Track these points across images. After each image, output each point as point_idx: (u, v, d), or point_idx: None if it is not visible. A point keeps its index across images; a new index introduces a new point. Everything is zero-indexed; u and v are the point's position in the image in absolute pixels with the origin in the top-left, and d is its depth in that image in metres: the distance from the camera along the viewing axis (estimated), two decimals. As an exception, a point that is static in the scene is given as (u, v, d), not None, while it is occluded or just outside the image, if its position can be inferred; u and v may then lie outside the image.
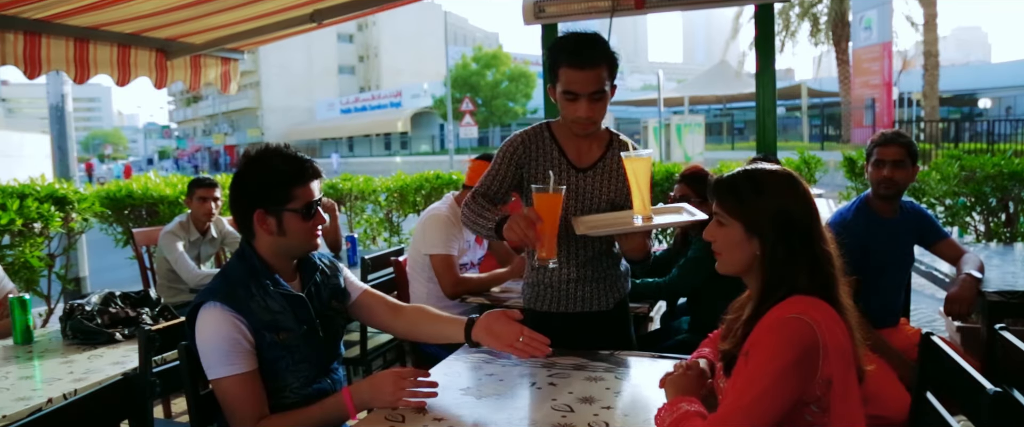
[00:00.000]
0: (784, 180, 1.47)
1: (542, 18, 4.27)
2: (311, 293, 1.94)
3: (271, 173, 1.82)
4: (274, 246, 1.85)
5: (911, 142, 2.71)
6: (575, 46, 2.04)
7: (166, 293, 4.04)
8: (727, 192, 1.50)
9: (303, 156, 1.86)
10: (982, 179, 4.79)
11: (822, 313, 1.38)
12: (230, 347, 1.72)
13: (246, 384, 1.73)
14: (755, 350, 1.37)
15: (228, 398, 1.74)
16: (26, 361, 2.31)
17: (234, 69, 4.94)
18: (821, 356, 1.32)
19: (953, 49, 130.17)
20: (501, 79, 41.68)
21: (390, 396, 1.70)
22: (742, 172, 1.51)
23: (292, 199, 1.81)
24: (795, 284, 1.42)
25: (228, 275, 1.85)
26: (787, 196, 1.45)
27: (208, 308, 1.75)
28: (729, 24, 28.22)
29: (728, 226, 1.50)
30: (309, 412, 1.76)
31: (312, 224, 1.87)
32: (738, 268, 1.52)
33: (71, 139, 6.40)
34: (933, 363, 1.74)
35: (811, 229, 1.45)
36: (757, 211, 1.46)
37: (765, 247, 1.45)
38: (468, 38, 73.72)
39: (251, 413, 1.73)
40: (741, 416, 1.31)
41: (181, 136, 76.62)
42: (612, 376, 1.86)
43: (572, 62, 2.04)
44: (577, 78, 2.04)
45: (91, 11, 3.55)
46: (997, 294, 2.63)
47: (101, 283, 6.25)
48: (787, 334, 1.34)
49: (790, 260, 1.43)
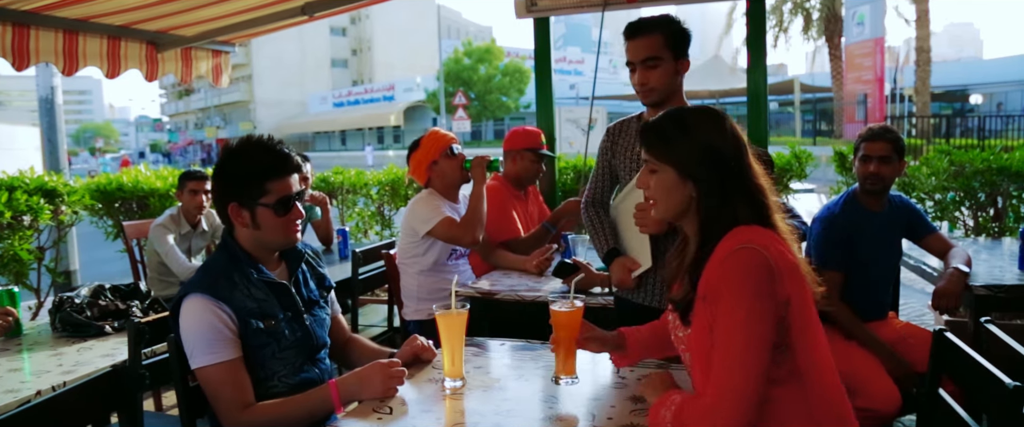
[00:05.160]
0: (709, 117, 1.47)
1: (534, 12, 4.26)
2: (298, 281, 1.94)
3: (247, 166, 1.81)
4: (251, 238, 1.85)
5: (898, 138, 2.72)
6: (631, 23, 2.23)
7: (156, 286, 4.03)
8: (655, 137, 1.49)
9: (284, 149, 1.84)
10: (971, 174, 4.82)
11: (765, 238, 1.38)
12: (213, 335, 1.72)
13: (229, 372, 1.72)
14: (714, 294, 1.36)
15: (211, 386, 1.73)
16: (15, 353, 2.30)
17: (226, 62, 4.92)
18: (776, 278, 1.34)
19: (945, 45, 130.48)
20: (494, 73, 41.58)
21: (379, 389, 1.69)
22: (666, 115, 1.51)
23: (266, 193, 1.80)
24: (734, 219, 1.42)
25: (210, 267, 1.85)
26: (714, 133, 1.45)
27: (190, 299, 1.75)
28: (723, 19, 28.24)
29: (660, 172, 1.48)
30: (294, 402, 1.74)
31: (287, 219, 1.84)
32: (673, 213, 1.50)
33: (61, 132, 6.36)
34: (948, 360, 1.71)
35: (742, 164, 1.45)
36: (687, 152, 1.45)
37: (700, 188, 1.44)
38: (462, 32, 73.47)
39: (235, 401, 1.71)
40: (739, 370, 1.31)
41: (173, 129, 76.24)
42: (600, 369, 1.87)
43: (627, 35, 2.22)
44: (630, 48, 2.22)
45: (81, 3, 3.53)
46: (984, 288, 2.65)
47: (91, 276, 6.23)
48: (741, 266, 1.34)
49: (726, 197, 1.42)
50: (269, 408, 1.74)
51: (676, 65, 2.23)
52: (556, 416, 1.57)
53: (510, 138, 3.58)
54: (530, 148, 3.51)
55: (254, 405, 1.74)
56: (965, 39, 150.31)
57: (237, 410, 1.71)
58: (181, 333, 1.76)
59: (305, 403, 1.74)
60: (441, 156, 3.12)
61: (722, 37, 29.53)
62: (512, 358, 1.97)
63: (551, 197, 4.39)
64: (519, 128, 3.62)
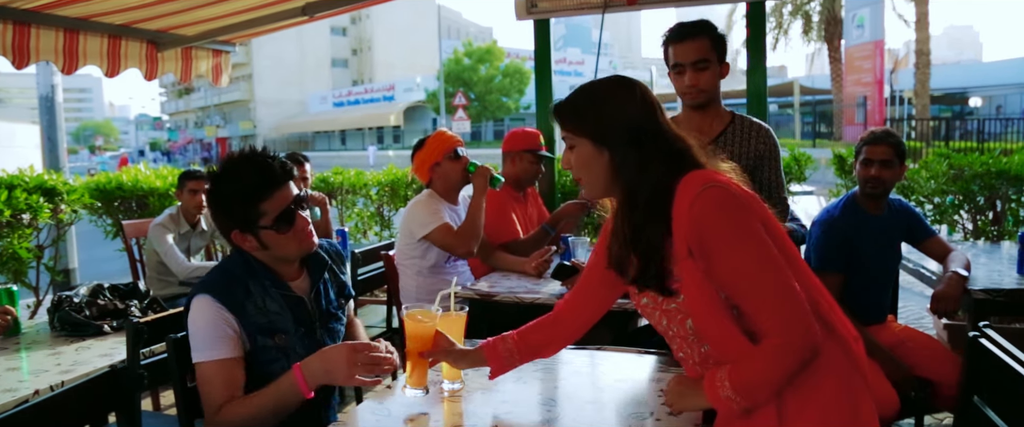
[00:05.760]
0: (618, 84, 1.47)
1: (534, 13, 4.26)
2: (318, 292, 1.88)
3: (234, 190, 1.73)
4: (265, 256, 1.79)
5: (900, 141, 2.72)
6: (678, 26, 2.31)
7: (155, 285, 4.03)
8: (568, 112, 1.48)
9: (268, 161, 1.75)
10: (970, 177, 4.82)
11: (714, 175, 1.39)
12: (215, 333, 1.69)
13: (223, 370, 1.68)
14: (699, 244, 1.34)
15: (203, 382, 1.70)
16: (14, 352, 2.30)
17: (226, 61, 4.92)
18: (747, 204, 1.35)
19: (945, 47, 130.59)
20: (495, 74, 41.59)
21: (344, 372, 1.61)
22: (576, 89, 1.50)
23: (262, 214, 1.73)
24: (659, 177, 1.40)
25: (227, 270, 1.79)
26: (623, 99, 1.44)
27: (201, 298, 1.72)
28: (723, 21, 28.24)
29: (578, 146, 1.47)
30: (263, 393, 1.66)
31: (293, 231, 1.76)
32: (600, 186, 1.48)
33: (61, 130, 6.35)
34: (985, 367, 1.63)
35: (657, 126, 1.43)
36: (599, 121, 1.44)
37: (615, 154, 1.42)
38: (462, 32, 73.52)
39: (220, 397, 1.67)
40: (780, 295, 1.30)
41: (173, 128, 76.24)
42: (598, 371, 1.87)
43: (674, 37, 2.29)
44: (680, 50, 2.29)
45: (81, 1, 3.53)
46: (983, 292, 2.65)
47: (90, 275, 6.23)
48: (712, 205, 1.33)
49: (644, 160, 1.41)
50: (240, 403, 1.67)
51: (719, 69, 2.36)
52: (555, 419, 1.57)
53: (509, 139, 3.58)
54: (529, 149, 3.51)
55: (230, 402, 1.67)
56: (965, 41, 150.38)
57: (213, 410, 1.66)
58: (188, 328, 1.74)
59: (274, 392, 1.65)
60: (444, 158, 3.13)
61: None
62: (511, 360, 1.97)
63: (550, 198, 4.39)
64: (518, 129, 3.62)
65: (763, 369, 1.32)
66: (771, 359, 1.31)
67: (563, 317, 1.71)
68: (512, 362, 1.69)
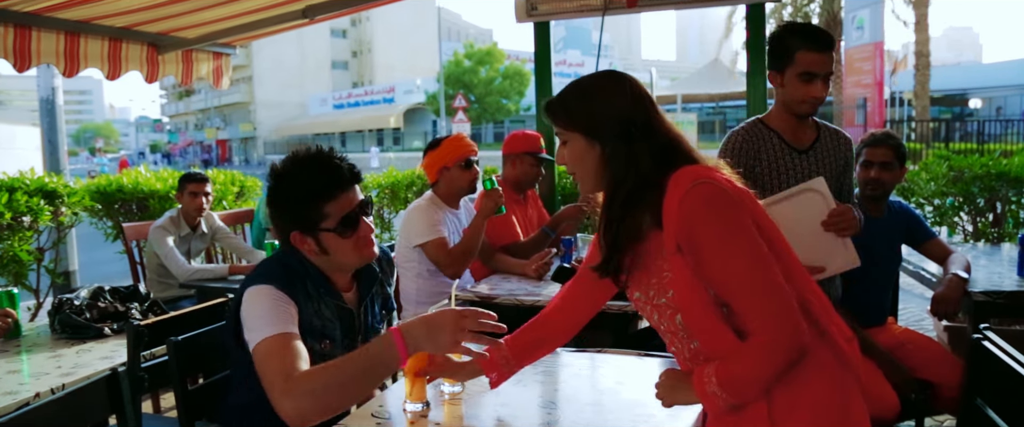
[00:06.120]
0: (608, 78, 1.48)
1: (534, 16, 4.27)
2: (366, 306, 1.85)
3: (298, 190, 1.68)
4: (323, 263, 1.74)
5: (900, 143, 2.73)
6: (813, 30, 2.22)
7: (156, 288, 4.03)
8: (559, 107, 1.49)
9: (335, 162, 1.69)
10: (970, 179, 4.82)
11: (707, 171, 1.38)
12: (280, 311, 1.60)
13: (285, 341, 1.54)
14: (687, 240, 1.34)
15: (270, 355, 1.52)
16: (14, 355, 2.30)
17: (226, 64, 4.92)
18: (738, 201, 1.35)
19: (945, 49, 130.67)
20: (495, 76, 41.60)
21: (449, 338, 1.46)
22: (568, 85, 1.51)
23: (325, 217, 1.67)
24: (647, 172, 1.40)
25: (289, 265, 1.72)
26: (613, 93, 1.45)
27: (261, 286, 1.64)
28: (722, 23, 28.27)
29: (571, 141, 1.48)
30: (351, 357, 1.47)
31: (356, 238, 1.70)
32: (594, 180, 1.48)
33: (61, 132, 6.35)
34: (987, 370, 1.64)
35: (649, 120, 1.43)
36: (589, 115, 1.44)
37: (605, 147, 1.43)
38: (462, 34, 73.59)
39: (283, 370, 1.48)
40: (768, 293, 1.30)
41: (173, 130, 76.29)
42: (598, 374, 1.87)
43: (811, 44, 2.19)
44: (817, 59, 2.19)
45: (82, 4, 3.53)
46: (983, 294, 2.65)
47: (90, 277, 6.22)
48: (701, 201, 1.33)
49: (632, 153, 1.41)
50: (320, 367, 1.49)
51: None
52: (555, 421, 1.57)
53: (509, 142, 3.58)
54: (529, 152, 3.52)
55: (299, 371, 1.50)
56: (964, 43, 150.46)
57: (282, 379, 1.46)
58: (242, 314, 1.64)
59: (364, 355, 1.46)
60: (455, 164, 3.14)
61: (722, 41, 29.52)
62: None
63: (550, 201, 4.39)
64: (518, 132, 3.62)
65: (750, 367, 1.32)
66: (757, 357, 1.32)
67: (554, 315, 1.70)
68: (509, 367, 1.66)
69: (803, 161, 2.33)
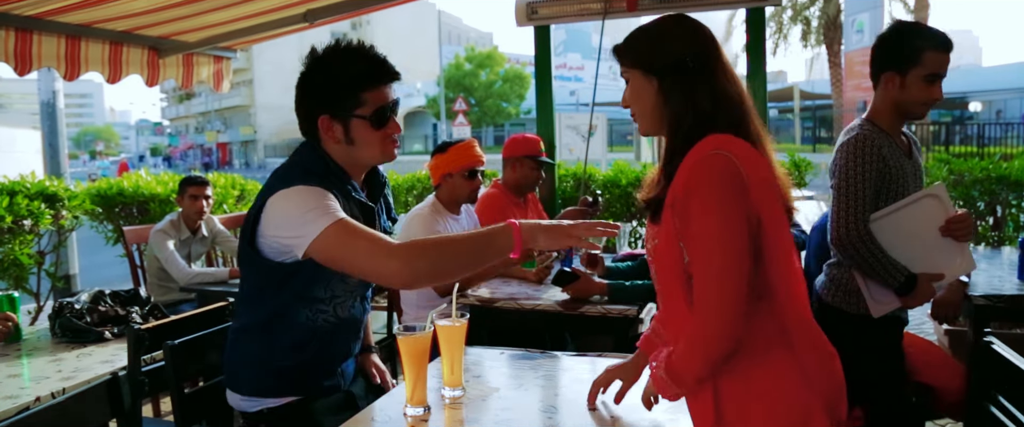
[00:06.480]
0: (674, 20, 1.48)
1: (535, 20, 4.27)
2: (379, 208, 1.85)
3: (337, 74, 1.66)
4: (344, 154, 1.72)
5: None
6: (937, 32, 2.20)
7: (156, 292, 4.04)
8: (625, 48, 1.49)
9: (377, 55, 1.70)
10: (970, 183, 4.82)
11: (739, 147, 1.35)
12: (330, 202, 1.60)
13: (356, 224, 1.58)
14: (680, 202, 1.34)
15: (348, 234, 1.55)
16: (15, 359, 2.30)
17: (227, 67, 4.92)
18: (747, 189, 1.31)
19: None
20: (495, 80, 41.64)
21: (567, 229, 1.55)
22: (636, 28, 1.51)
23: (361, 104, 1.67)
24: (702, 119, 1.39)
25: (311, 167, 1.69)
26: (675, 31, 1.45)
27: (299, 186, 1.62)
28: (722, 26, 28.29)
29: (632, 79, 1.48)
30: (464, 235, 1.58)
31: (384, 133, 1.71)
32: (652, 119, 1.47)
33: (62, 136, 6.35)
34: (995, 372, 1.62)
35: (709, 63, 1.42)
36: (650, 53, 1.45)
37: (663, 83, 1.43)
38: (462, 38, 73.66)
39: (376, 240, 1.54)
40: (718, 286, 1.28)
41: (173, 133, 76.28)
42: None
43: (940, 45, 2.17)
44: (945, 60, 2.18)
45: (83, 8, 3.53)
46: (983, 298, 2.65)
47: (91, 281, 6.22)
48: (709, 172, 1.32)
49: (688, 94, 1.40)
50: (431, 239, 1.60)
51: None
52: (556, 426, 1.57)
53: (509, 145, 3.58)
54: (530, 155, 3.52)
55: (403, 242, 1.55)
56: (964, 46, 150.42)
57: (385, 244, 1.53)
58: (277, 220, 1.61)
59: (476, 236, 1.57)
60: (459, 172, 3.13)
61: (722, 44, 29.58)
62: (511, 367, 1.97)
63: (551, 204, 4.40)
64: (518, 135, 3.63)
65: (682, 353, 1.34)
66: (689, 344, 1.33)
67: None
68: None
69: (909, 165, 2.29)
